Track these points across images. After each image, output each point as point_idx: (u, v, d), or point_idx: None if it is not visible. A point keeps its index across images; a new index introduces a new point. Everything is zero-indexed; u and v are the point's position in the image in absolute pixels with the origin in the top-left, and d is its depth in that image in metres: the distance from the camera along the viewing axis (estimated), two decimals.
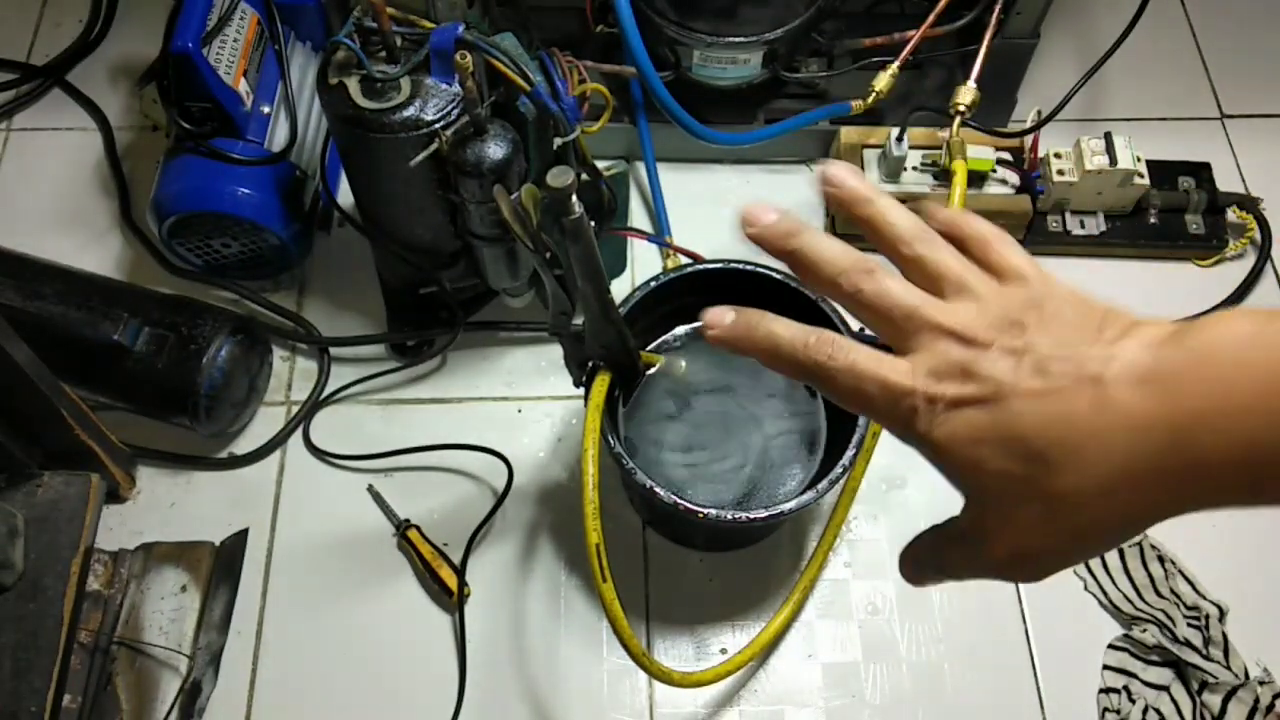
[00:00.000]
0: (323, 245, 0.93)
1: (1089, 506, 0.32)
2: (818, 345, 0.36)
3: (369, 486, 0.83)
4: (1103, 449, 0.31)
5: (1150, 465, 0.31)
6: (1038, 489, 0.32)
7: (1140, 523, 0.32)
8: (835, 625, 0.79)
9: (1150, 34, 0.99)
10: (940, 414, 0.34)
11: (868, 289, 0.36)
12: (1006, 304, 0.35)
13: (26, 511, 0.69)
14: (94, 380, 0.80)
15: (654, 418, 0.77)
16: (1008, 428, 0.33)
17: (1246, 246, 0.94)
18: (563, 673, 0.77)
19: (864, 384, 0.35)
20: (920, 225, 0.38)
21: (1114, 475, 0.31)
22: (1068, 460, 0.32)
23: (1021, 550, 0.34)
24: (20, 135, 1.02)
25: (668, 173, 0.96)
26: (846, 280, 0.37)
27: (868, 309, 0.37)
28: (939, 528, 0.39)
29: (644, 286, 0.73)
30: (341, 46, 0.69)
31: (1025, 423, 0.32)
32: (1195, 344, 0.31)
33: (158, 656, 0.75)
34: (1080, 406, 0.32)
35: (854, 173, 0.39)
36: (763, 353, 0.38)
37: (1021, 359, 0.33)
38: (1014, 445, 0.32)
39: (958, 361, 0.34)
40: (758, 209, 0.39)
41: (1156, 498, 0.31)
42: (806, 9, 0.87)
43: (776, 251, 0.39)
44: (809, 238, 0.38)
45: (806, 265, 0.38)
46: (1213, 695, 0.74)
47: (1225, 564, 0.80)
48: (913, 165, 0.90)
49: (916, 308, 0.36)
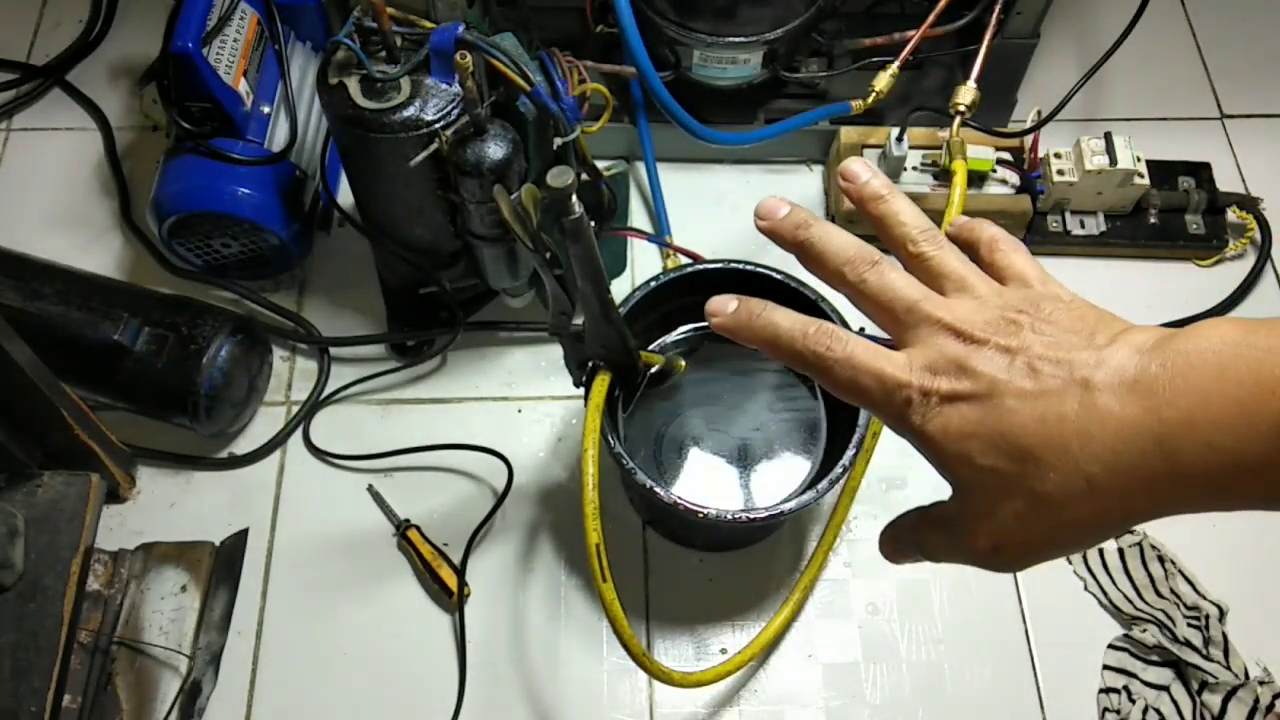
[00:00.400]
0: (323, 245, 0.93)
1: (1071, 505, 0.33)
2: (817, 335, 0.37)
3: (369, 486, 0.83)
4: (1088, 451, 0.32)
5: (1133, 469, 0.32)
6: (1023, 486, 0.33)
7: (1121, 523, 0.34)
8: (835, 625, 0.79)
9: (1150, 34, 0.99)
10: (934, 407, 0.35)
11: (872, 280, 0.38)
12: (1004, 304, 0.36)
13: (26, 511, 0.69)
14: (94, 380, 0.80)
15: (653, 419, 0.77)
16: (998, 424, 0.34)
17: (1246, 246, 0.94)
18: (563, 673, 0.77)
19: (860, 375, 0.36)
20: (929, 225, 0.40)
21: (1097, 477, 0.32)
22: (1054, 460, 0.33)
23: (1002, 542, 0.35)
24: (20, 135, 1.02)
25: (668, 173, 0.96)
26: (852, 270, 0.38)
27: (870, 300, 0.38)
28: (924, 510, 0.40)
29: (644, 286, 0.73)
30: (341, 46, 0.69)
31: (1015, 421, 0.33)
32: (1179, 352, 0.32)
33: (158, 656, 0.75)
34: (1069, 409, 0.33)
35: (870, 170, 0.41)
36: (763, 342, 0.39)
37: (1015, 358, 0.34)
38: (1003, 442, 0.34)
39: (953, 357, 0.35)
40: (772, 203, 0.40)
41: (1137, 500, 0.32)
42: (806, 9, 0.87)
43: (788, 242, 0.40)
44: (819, 229, 0.39)
45: (815, 255, 0.39)
46: (1213, 695, 0.74)
47: (1225, 564, 0.80)
48: (913, 165, 0.90)
49: (917, 301, 0.37)
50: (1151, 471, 0.31)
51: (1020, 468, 0.33)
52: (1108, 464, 0.32)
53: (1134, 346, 0.33)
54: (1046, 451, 0.33)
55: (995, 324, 0.35)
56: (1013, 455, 0.33)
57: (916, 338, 0.36)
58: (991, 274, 0.39)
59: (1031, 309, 0.36)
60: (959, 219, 0.42)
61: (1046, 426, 0.33)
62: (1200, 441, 0.30)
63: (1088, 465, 0.32)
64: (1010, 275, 0.38)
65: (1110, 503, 0.32)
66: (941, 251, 0.38)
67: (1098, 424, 0.32)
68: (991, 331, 0.35)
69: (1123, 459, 0.32)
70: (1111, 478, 0.32)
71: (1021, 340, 0.34)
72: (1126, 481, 0.32)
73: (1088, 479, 0.32)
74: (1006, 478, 0.34)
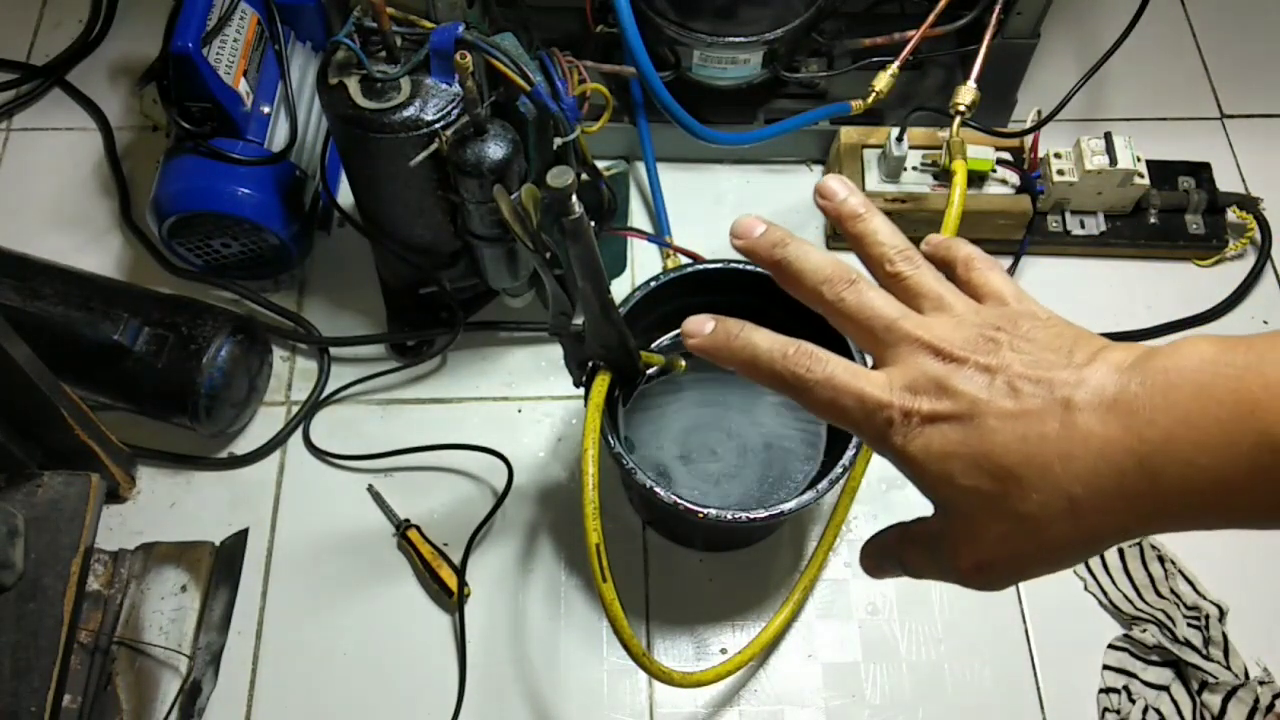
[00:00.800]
0: (323, 245, 0.93)
1: (1054, 525, 0.33)
2: (796, 356, 0.37)
3: (369, 486, 0.83)
4: (1070, 471, 0.32)
5: (1115, 489, 0.32)
6: (1006, 506, 0.33)
7: (1104, 541, 0.34)
8: (835, 625, 0.79)
9: (1150, 34, 0.99)
10: (915, 428, 0.35)
11: (850, 299, 0.37)
12: (982, 322, 0.36)
13: (26, 511, 0.69)
14: (94, 380, 0.80)
15: (654, 419, 0.77)
16: (980, 445, 0.34)
17: (1246, 246, 0.94)
18: (563, 673, 0.77)
19: (840, 396, 0.36)
20: (906, 244, 0.39)
21: (1079, 497, 0.32)
22: (1036, 480, 0.33)
23: (986, 562, 0.35)
24: (20, 135, 1.02)
25: (668, 173, 0.96)
26: (830, 289, 0.38)
27: (849, 319, 0.38)
28: (905, 526, 0.40)
29: (644, 286, 0.73)
30: (341, 46, 0.69)
31: (996, 441, 0.33)
32: (1159, 371, 0.32)
33: (158, 656, 0.75)
34: (1050, 428, 0.33)
35: (848, 187, 0.40)
36: (741, 363, 0.39)
37: (995, 377, 0.34)
38: (985, 462, 0.34)
39: (933, 376, 0.35)
40: (747, 222, 0.40)
41: (1120, 519, 0.32)
42: (806, 9, 0.87)
43: (764, 261, 0.40)
44: (795, 248, 0.39)
45: (792, 274, 0.39)
46: (1213, 695, 0.74)
47: (1225, 564, 0.80)
48: (913, 165, 0.90)
49: (896, 320, 0.37)
50: (1134, 491, 0.31)
51: (1002, 488, 0.33)
52: (1090, 484, 0.32)
53: (1113, 365, 0.33)
54: (1028, 472, 0.33)
55: (974, 342, 0.35)
56: (995, 475, 0.33)
57: (896, 356, 0.36)
58: (967, 292, 0.39)
59: (1010, 327, 0.36)
60: (934, 237, 0.42)
61: (1028, 446, 0.33)
62: (1181, 461, 0.30)
63: (1070, 485, 0.32)
64: (987, 293, 0.38)
65: (1093, 522, 0.32)
66: (918, 271, 0.38)
67: (1079, 444, 0.32)
68: (971, 350, 0.35)
69: (1105, 479, 0.32)
70: (1094, 497, 0.32)
71: (1001, 358, 0.34)
72: (1109, 501, 0.32)
73: (1070, 499, 0.32)
74: (989, 498, 0.34)
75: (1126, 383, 0.32)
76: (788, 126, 0.91)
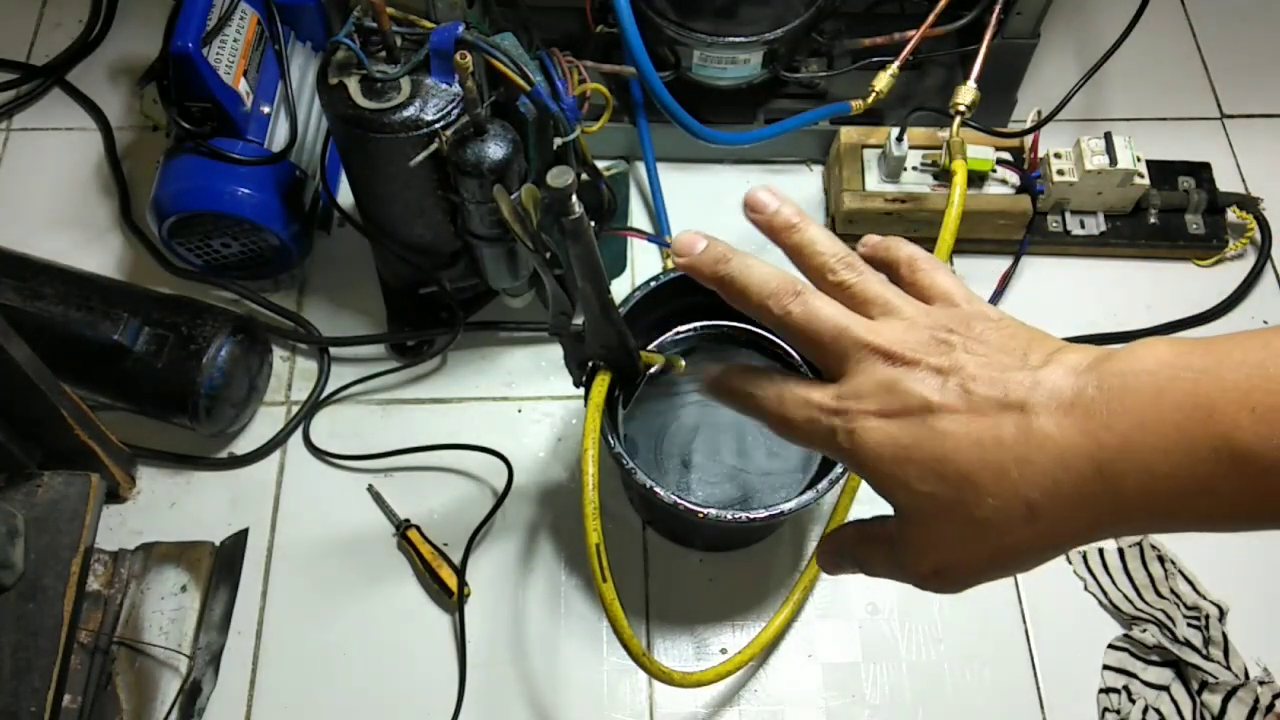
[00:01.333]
0: (323, 245, 0.93)
1: (1012, 530, 0.32)
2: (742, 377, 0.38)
3: (369, 486, 0.83)
4: (1027, 476, 0.32)
5: (1073, 493, 0.31)
6: (962, 512, 0.33)
7: (1063, 545, 0.33)
8: (835, 625, 0.79)
9: (1150, 34, 0.99)
10: (866, 430, 0.34)
11: (796, 311, 0.37)
12: (934, 324, 0.35)
13: (26, 511, 0.69)
14: (94, 380, 0.80)
15: (654, 419, 0.77)
16: (934, 449, 0.33)
17: (1246, 246, 0.94)
18: (563, 673, 0.77)
19: (787, 407, 0.36)
20: (846, 251, 0.38)
21: (1037, 502, 0.32)
22: (992, 485, 0.32)
23: (944, 566, 0.35)
24: (20, 135, 1.02)
25: (668, 173, 0.96)
26: (775, 303, 0.37)
27: (798, 331, 0.37)
28: (863, 525, 0.40)
29: (644, 286, 0.73)
30: (341, 46, 0.69)
31: (950, 445, 0.33)
32: (1115, 374, 0.31)
33: (158, 656, 0.75)
34: (1005, 432, 0.32)
35: (779, 198, 0.39)
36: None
37: (948, 379, 0.33)
38: (939, 467, 0.33)
39: (883, 380, 0.34)
40: (687, 238, 0.40)
41: (1079, 522, 0.32)
42: (806, 9, 0.87)
43: (707, 279, 0.39)
44: (738, 263, 0.38)
45: (737, 290, 0.38)
46: (1213, 695, 0.74)
47: (1225, 564, 0.80)
48: (913, 165, 0.90)
49: (845, 328, 0.36)
50: (1091, 495, 0.31)
51: (958, 494, 0.33)
52: (1047, 489, 0.31)
53: (1069, 367, 0.32)
54: (984, 477, 0.32)
55: (926, 344, 0.35)
56: (950, 480, 0.33)
57: (846, 365, 0.36)
58: (914, 294, 0.38)
59: (962, 328, 0.35)
60: (871, 238, 0.41)
61: (984, 451, 0.32)
62: (1139, 465, 0.30)
63: (1027, 491, 0.32)
64: (935, 295, 0.37)
65: (1051, 527, 0.32)
66: (862, 278, 0.37)
67: (1036, 448, 0.31)
68: (923, 352, 0.34)
69: (1062, 484, 0.31)
70: (1051, 502, 0.31)
71: (954, 360, 0.34)
72: (1067, 506, 0.31)
73: (1028, 504, 0.32)
74: (944, 503, 0.33)
75: (1083, 386, 0.31)
76: (788, 126, 0.91)
